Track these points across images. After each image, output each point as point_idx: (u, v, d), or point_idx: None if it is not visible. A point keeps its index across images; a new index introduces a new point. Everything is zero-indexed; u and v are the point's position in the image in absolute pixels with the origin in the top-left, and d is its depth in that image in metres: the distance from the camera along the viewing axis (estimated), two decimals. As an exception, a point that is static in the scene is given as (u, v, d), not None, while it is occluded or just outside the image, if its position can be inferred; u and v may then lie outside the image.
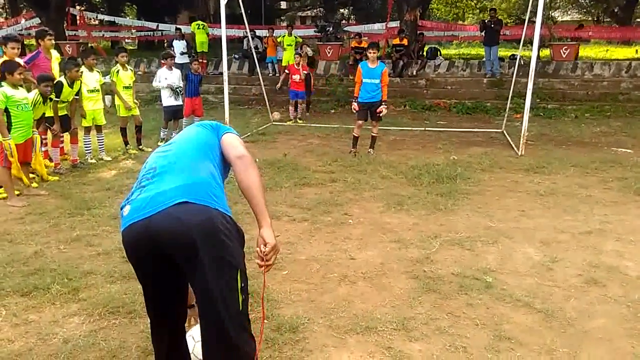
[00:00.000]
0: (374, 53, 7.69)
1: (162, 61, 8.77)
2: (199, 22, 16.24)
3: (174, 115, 8.81)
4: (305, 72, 11.33)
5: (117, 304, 3.43)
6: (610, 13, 28.05)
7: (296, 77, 11.29)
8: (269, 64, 15.07)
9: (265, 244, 2.12)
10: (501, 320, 3.31)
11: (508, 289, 3.72)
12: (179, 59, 12.90)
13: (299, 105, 11.58)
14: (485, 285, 3.78)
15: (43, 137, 6.91)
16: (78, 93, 7.12)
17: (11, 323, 3.26)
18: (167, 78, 8.56)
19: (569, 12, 39.04)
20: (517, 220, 5.17)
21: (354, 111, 7.87)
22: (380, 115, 7.76)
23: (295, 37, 14.72)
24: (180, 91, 8.75)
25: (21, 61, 6.78)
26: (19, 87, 5.75)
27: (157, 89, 9.13)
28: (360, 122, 7.89)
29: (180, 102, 8.83)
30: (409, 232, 4.87)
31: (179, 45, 13.93)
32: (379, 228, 4.97)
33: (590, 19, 36.84)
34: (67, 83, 6.81)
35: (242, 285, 2.09)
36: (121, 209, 2.19)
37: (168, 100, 8.69)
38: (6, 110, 5.54)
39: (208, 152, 2.32)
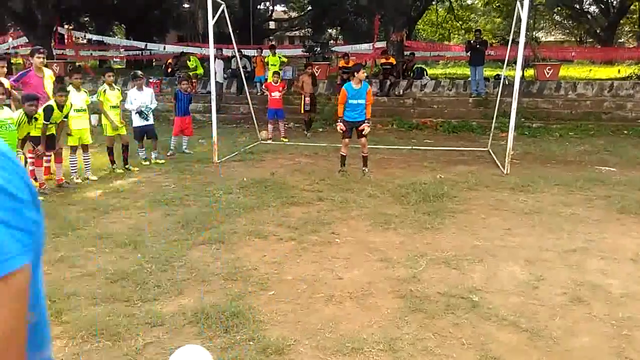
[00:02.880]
0: (363, 73, 7.78)
1: (141, 81, 8.65)
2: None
3: (142, 134, 8.66)
4: (281, 89, 11.41)
5: (101, 327, 3.38)
6: (592, 34, 28.66)
7: (275, 95, 11.34)
8: (257, 84, 15.14)
9: None
10: (487, 340, 3.32)
11: (494, 308, 3.73)
12: (219, 78, 13.21)
13: (280, 124, 11.61)
14: (471, 304, 3.78)
15: (29, 156, 6.87)
16: (67, 115, 7.08)
17: (-9, 347, 3.19)
18: (136, 99, 8.47)
19: (552, 33, 39.86)
20: (502, 239, 5.21)
21: (340, 131, 7.93)
22: (364, 133, 7.82)
23: (280, 57, 14.84)
24: (148, 112, 8.58)
25: (5, 81, 6.77)
26: (3, 107, 5.73)
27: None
28: (346, 140, 7.96)
29: (150, 122, 8.70)
30: (396, 251, 4.87)
31: (219, 65, 13.97)
32: (366, 247, 4.97)
33: (573, 39, 37.63)
34: (57, 106, 6.76)
35: None
36: None
37: (136, 120, 8.57)
38: (-11, 130, 5.51)
39: None
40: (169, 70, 17.27)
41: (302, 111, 12.03)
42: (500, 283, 4.18)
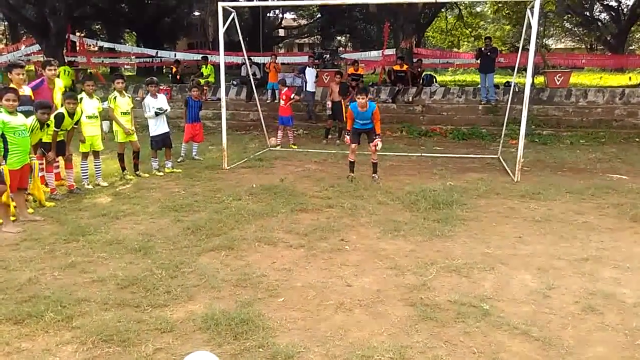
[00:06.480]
0: (362, 99, 7.67)
1: (155, 87, 8.64)
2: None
3: (163, 143, 8.62)
4: (286, 99, 11.45)
5: (111, 332, 3.39)
6: (603, 41, 28.52)
7: (281, 102, 11.49)
8: (269, 90, 15.17)
9: None
10: (498, 349, 3.28)
11: (505, 317, 3.69)
12: (310, 87, 13.58)
13: (288, 131, 11.68)
14: (482, 312, 3.75)
15: (40, 162, 6.93)
16: (77, 122, 7.15)
17: (3, 352, 3.21)
18: (153, 107, 8.46)
19: (562, 40, 39.75)
20: (513, 247, 5.17)
21: (346, 143, 7.98)
22: (375, 147, 7.84)
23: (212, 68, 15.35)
24: (165, 112, 8.58)
25: (27, 89, 6.87)
26: (16, 114, 5.79)
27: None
28: (353, 145, 7.98)
29: (167, 129, 8.70)
30: (406, 258, 4.85)
31: (311, 73, 14.05)
32: (375, 254, 4.96)
33: (583, 46, 37.48)
34: (68, 114, 6.84)
35: None
36: None
37: (155, 128, 8.53)
38: (2, 136, 5.57)
39: None
40: (178, 77, 17.42)
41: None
42: (512, 291, 4.14)
